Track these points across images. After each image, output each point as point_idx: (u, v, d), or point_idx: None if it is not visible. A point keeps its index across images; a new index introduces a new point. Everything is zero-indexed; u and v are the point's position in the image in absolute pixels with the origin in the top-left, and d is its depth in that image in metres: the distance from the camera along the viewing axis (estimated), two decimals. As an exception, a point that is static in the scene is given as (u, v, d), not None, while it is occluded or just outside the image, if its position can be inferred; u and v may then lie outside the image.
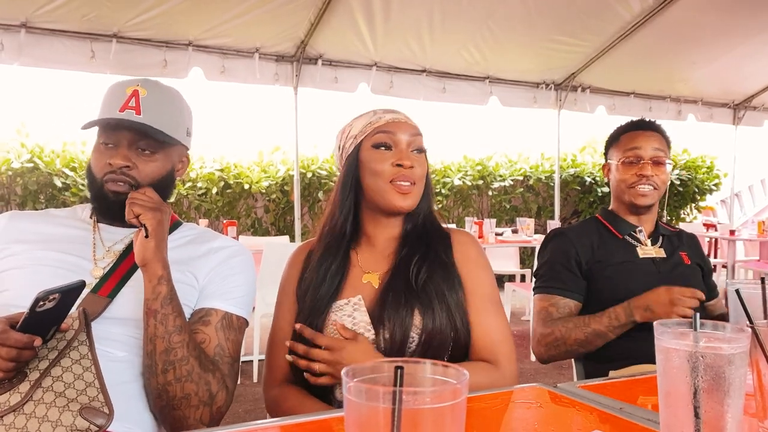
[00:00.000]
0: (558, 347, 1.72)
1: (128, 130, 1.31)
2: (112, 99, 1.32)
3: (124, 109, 1.30)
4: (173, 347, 1.16)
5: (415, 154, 1.37)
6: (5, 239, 1.33)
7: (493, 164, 8.12)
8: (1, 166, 5.78)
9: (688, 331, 0.74)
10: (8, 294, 1.26)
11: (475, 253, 1.41)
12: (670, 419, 0.74)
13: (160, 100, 1.35)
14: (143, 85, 1.33)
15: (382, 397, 0.54)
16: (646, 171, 1.82)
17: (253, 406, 3.47)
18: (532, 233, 5.86)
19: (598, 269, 1.80)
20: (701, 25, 5.63)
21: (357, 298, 1.31)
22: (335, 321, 1.28)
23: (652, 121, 1.94)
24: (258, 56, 5.34)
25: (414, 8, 5.06)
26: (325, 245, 1.39)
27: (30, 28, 4.50)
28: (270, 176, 6.88)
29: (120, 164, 1.30)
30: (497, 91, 6.40)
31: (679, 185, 8.84)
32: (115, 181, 1.30)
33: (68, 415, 1.06)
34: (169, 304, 1.18)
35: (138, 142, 1.33)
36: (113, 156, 1.30)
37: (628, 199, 1.86)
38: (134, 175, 1.32)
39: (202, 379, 1.19)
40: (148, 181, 1.33)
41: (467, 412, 0.57)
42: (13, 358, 1.03)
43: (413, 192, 1.34)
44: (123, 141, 1.32)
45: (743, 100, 7.66)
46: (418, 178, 1.35)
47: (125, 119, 1.29)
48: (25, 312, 1.01)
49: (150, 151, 1.34)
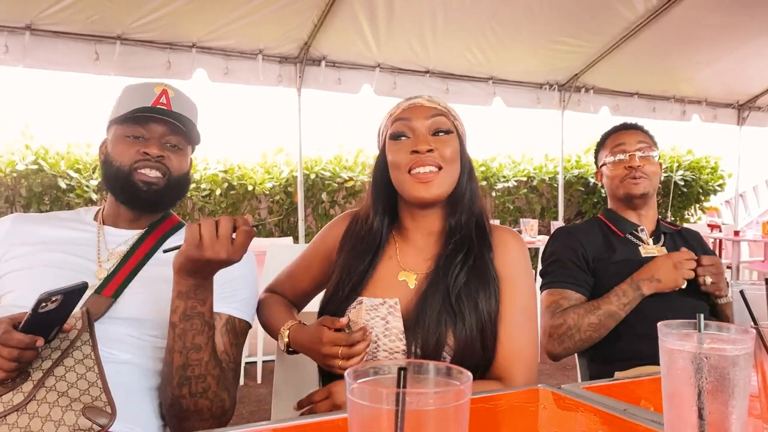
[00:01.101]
0: (572, 336, 1.69)
1: (160, 124, 1.35)
2: (141, 95, 1.36)
3: (156, 104, 1.34)
4: (190, 364, 1.16)
5: (439, 136, 1.27)
6: (9, 242, 1.34)
7: (496, 165, 8.11)
8: (5, 167, 5.80)
9: (693, 333, 0.74)
10: (13, 295, 1.27)
11: (516, 256, 1.32)
12: (674, 421, 0.74)
13: (186, 100, 1.41)
14: (170, 87, 1.39)
15: (385, 398, 0.54)
16: (634, 162, 1.86)
17: (257, 407, 3.47)
18: (536, 234, 5.86)
19: (603, 267, 1.81)
20: (705, 25, 5.61)
21: (393, 301, 1.25)
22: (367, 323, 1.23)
23: (634, 123, 2.01)
24: (261, 58, 5.35)
25: (417, 9, 5.06)
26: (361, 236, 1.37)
27: (34, 30, 4.51)
28: (273, 177, 6.88)
29: (156, 153, 1.33)
30: (501, 92, 6.39)
31: (683, 186, 8.81)
32: (150, 168, 1.32)
33: (71, 415, 1.06)
34: (188, 320, 1.16)
35: (167, 136, 1.37)
36: (147, 146, 1.33)
37: (623, 193, 1.88)
38: (168, 165, 1.35)
39: (217, 397, 1.19)
40: (178, 173, 1.38)
41: (470, 413, 0.57)
42: (16, 359, 1.03)
43: (437, 179, 1.25)
44: (155, 133, 1.36)
45: (748, 101, 7.63)
46: (445, 161, 1.26)
47: (166, 110, 1.34)
48: (27, 313, 1.02)
49: (179, 147, 1.39)
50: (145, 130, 1.35)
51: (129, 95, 1.38)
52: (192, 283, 1.14)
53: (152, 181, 1.33)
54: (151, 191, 1.33)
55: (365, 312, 1.25)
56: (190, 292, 1.15)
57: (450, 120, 1.31)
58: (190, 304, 1.15)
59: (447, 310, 1.22)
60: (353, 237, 1.39)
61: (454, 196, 1.31)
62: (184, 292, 1.15)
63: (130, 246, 1.36)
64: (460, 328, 1.21)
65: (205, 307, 1.17)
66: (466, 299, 1.24)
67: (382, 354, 1.24)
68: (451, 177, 1.29)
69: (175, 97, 1.38)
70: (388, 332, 1.23)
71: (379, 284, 1.31)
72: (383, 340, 1.23)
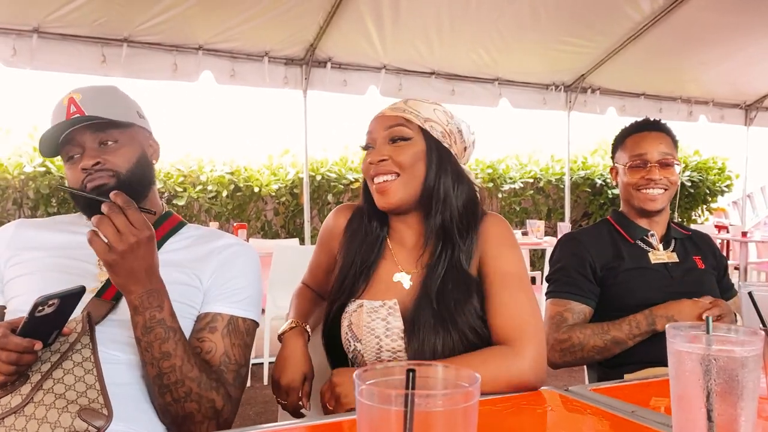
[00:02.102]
0: (574, 353, 1.68)
1: (83, 132, 1.31)
2: (55, 115, 1.32)
3: (69, 117, 1.29)
4: (164, 372, 1.15)
5: (396, 143, 1.31)
6: (14, 248, 1.35)
7: (503, 167, 8.10)
8: (13, 170, 5.83)
9: (701, 334, 0.74)
10: (18, 300, 1.28)
11: (497, 233, 1.33)
12: (682, 423, 0.73)
13: (97, 96, 1.35)
14: (76, 91, 1.33)
15: (394, 400, 0.54)
16: (654, 175, 1.79)
17: (263, 408, 3.47)
18: (543, 235, 5.84)
19: (611, 275, 1.78)
20: (712, 25, 5.59)
21: (393, 302, 1.29)
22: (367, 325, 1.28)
23: (657, 120, 1.91)
24: (267, 60, 5.36)
25: (422, 11, 5.07)
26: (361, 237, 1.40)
27: (42, 33, 4.54)
28: (279, 179, 6.90)
29: (91, 163, 1.29)
30: (507, 93, 6.38)
31: (691, 187, 8.78)
32: (93, 179, 1.29)
33: (67, 417, 1.06)
34: (150, 332, 1.15)
35: (98, 139, 1.31)
36: (82, 161, 1.29)
37: (638, 204, 1.83)
38: (109, 167, 1.31)
39: (203, 398, 1.18)
40: (125, 167, 1.32)
41: (478, 414, 0.57)
42: (14, 362, 1.04)
43: (392, 187, 1.29)
44: (84, 144, 1.31)
45: (755, 101, 7.60)
46: (402, 167, 1.29)
47: (74, 119, 1.28)
48: (24, 317, 1.02)
49: (112, 141, 1.33)
50: (73, 148, 1.32)
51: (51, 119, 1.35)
52: (141, 293, 1.14)
53: (101, 183, 1.29)
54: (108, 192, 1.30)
55: (366, 314, 1.28)
56: (144, 302, 1.14)
57: (413, 125, 1.32)
58: (148, 315, 1.15)
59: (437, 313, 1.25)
60: (352, 236, 1.41)
61: (424, 196, 1.32)
62: (138, 305, 1.14)
63: None
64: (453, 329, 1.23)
65: (164, 313, 1.16)
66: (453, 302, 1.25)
67: (385, 354, 1.27)
68: (411, 182, 1.30)
69: (83, 99, 1.31)
70: (390, 332, 1.26)
71: (378, 286, 1.34)
72: (385, 340, 1.27)
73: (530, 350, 1.16)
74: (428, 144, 1.32)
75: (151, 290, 1.15)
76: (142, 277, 1.13)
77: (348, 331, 1.30)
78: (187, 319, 1.31)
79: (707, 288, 1.79)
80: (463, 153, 1.40)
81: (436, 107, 1.38)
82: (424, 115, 1.34)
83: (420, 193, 1.31)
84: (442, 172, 1.31)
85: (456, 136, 1.36)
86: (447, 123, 1.35)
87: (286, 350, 1.35)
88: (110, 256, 1.09)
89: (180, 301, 1.29)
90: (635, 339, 1.65)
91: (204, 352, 1.26)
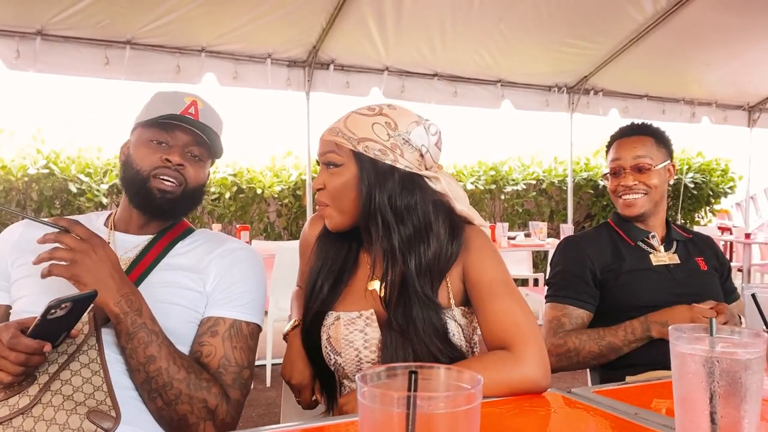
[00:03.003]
0: (570, 358, 1.69)
1: (185, 133, 1.36)
2: (171, 102, 1.36)
3: (184, 113, 1.35)
4: (152, 376, 1.16)
5: (330, 169, 1.28)
6: (21, 248, 1.35)
7: (506, 168, 8.10)
8: (17, 172, 5.84)
9: (704, 336, 0.74)
10: (24, 301, 1.28)
11: (477, 244, 1.30)
12: (686, 425, 0.73)
13: (214, 115, 1.42)
14: (198, 98, 1.39)
15: (396, 402, 0.54)
16: (627, 181, 1.81)
17: (266, 410, 3.47)
18: (545, 237, 5.84)
19: (612, 278, 1.78)
20: (715, 26, 5.59)
21: (369, 312, 1.26)
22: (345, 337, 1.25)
23: (640, 124, 1.90)
24: (270, 62, 5.37)
25: (425, 12, 5.07)
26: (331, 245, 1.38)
27: (45, 35, 4.55)
28: (282, 181, 6.91)
29: (178, 161, 1.33)
30: (509, 95, 6.38)
31: (693, 188, 8.76)
32: (167, 177, 1.33)
33: (75, 419, 1.07)
34: (134, 338, 1.16)
35: (191, 147, 1.38)
36: (169, 153, 1.34)
37: (620, 210, 1.87)
38: (186, 174, 1.36)
39: (194, 399, 1.18)
40: (194, 184, 1.38)
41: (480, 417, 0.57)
42: (23, 363, 1.04)
43: (328, 213, 1.30)
44: (179, 141, 1.36)
45: (758, 102, 7.59)
46: (331, 195, 1.27)
47: (193, 119, 1.35)
48: (36, 318, 1.03)
49: (198, 157, 1.39)
50: (170, 137, 1.36)
51: (158, 101, 1.38)
52: (118, 298, 1.16)
53: (168, 189, 1.33)
54: (165, 199, 1.34)
55: (343, 327, 1.26)
56: (123, 307, 1.16)
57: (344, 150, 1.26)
58: (129, 321, 1.16)
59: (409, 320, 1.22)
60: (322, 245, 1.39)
61: (363, 220, 1.29)
62: (118, 312, 1.15)
63: (139, 252, 1.37)
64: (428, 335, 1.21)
65: (144, 316, 1.18)
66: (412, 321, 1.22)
67: (365, 366, 1.24)
68: (344, 210, 1.28)
69: (203, 109, 1.38)
70: (368, 344, 1.24)
71: (354, 295, 1.32)
72: (364, 352, 1.24)
73: (531, 352, 1.13)
74: (360, 168, 1.25)
75: (126, 294, 1.17)
76: (111, 283, 1.15)
77: (327, 344, 1.28)
78: (192, 324, 1.31)
79: (711, 290, 1.78)
80: (421, 160, 1.29)
81: (376, 121, 1.27)
82: (358, 135, 1.26)
83: (358, 218, 1.29)
84: (378, 195, 1.25)
85: (403, 148, 1.26)
86: (388, 138, 1.26)
87: (292, 350, 1.36)
88: (71, 270, 1.13)
89: (184, 305, 1.29)
90: (631, 345, 1.66)
91: (203, 356, 1.26)
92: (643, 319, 1.66)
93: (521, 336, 1.15)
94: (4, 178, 5.79)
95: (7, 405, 1.07)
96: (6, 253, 1.36)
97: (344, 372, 1.27)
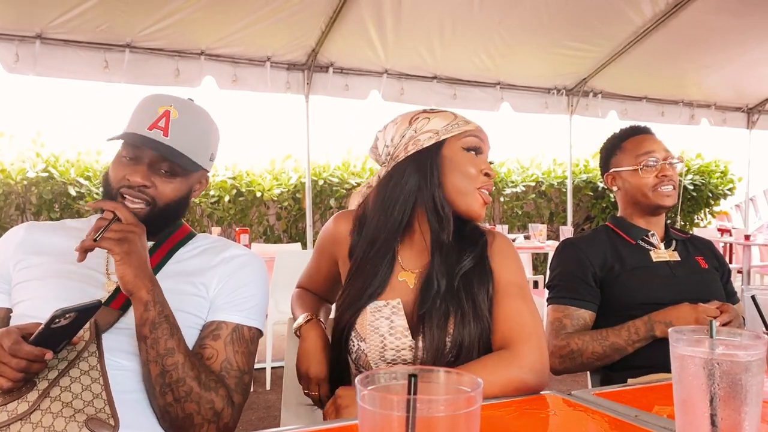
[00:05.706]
0: (574, 359, 1.69)
1: (152, 150, 1.29)
2: (143, 115, 1.31)
3: (152, 128, 1.28)
4: (167, 370, 1.16)
5: None
6: (23, 251, 1.34)
7: (505, 170, 8.11)
8: (16, 175, 5.85)
9: (704, 338, 0.74)
10: (25, 305, 1.28)
11: (501, 248, 1.38)
12: (686, 427, 0.73)
13: (190, 124, 1.33)
14: (176, 107, 1.31)
15: (396, 405, 0.54)
16: (667, 171, 1.82)
17: (266, 413, 3.47)
18: (545, 239, 5.84)
19: (613, 276, 1.78)
20: (714, 28, 5.59)
21: (396, 301, 1.29)
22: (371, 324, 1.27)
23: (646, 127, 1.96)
24: (269, 65, 5.38)
25: (424, 15, 5.07)
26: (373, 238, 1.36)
27: (44, 39, 4.56)
28: (282, 184, 6.91)
29: (138, 183, 1.28)
30: (509, 97, 6.39)
31: (693, 190, 8.77)
32: (132, 197, 1.29)
33: (74, 426, 1.06)
34: (158, 328, 1.16)
35: (160, 163, 1.31)
36: (133, 173, 1.29)
37: (654, 202, 1.82)
38: (152, 194, 1.30)
39: (203, 399, 1.18)
40: (165, 200, 1.32)
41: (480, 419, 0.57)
42: (23, 369, 1.04)
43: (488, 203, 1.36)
44: (145, 159, 1.30)
45: (757, 104, 7.59)
46: None
47: (152, 139, 1.27)
48: (40, 326, 1.03)
49: (170, 173, 1.33)
50: (139, 152, 1.31)
51: (137, 111, 1.34)
52: (151, 287, 1.17)
53: (134, 210, 1.28)
54: None
55: (370, 314, 1.28)
56: (155, 296, 1.17)
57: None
58: (158, 310, 1.17)
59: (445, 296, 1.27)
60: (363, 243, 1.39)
61: None
62: (149, 300, 1.16)
63: None
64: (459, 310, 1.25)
65: (168, 309, 1.19)
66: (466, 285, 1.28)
67: (389, 353, 1.26)
68: None
69: (177, 120, 1.30)
70: (394, 330, 1.26)
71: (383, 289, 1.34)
72: (389, 338, 1.26)
73: (528, 352, 1.16)
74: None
75: (156, 284, 1.19)
76: (147, 270, 1.17)
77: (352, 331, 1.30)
78: (193, 329, 1.30)
79: (713, 288, 1.79)
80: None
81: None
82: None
83: None
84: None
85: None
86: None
87: (306, 343, 1.37)
88: (121, 246, 1.14)
89: (187, 311, 1.29)
90: (634, 345, 1.65)
91: (204, 358, 1.26)
92: (647, 318, 1.66)
93: (522, 335, 1.19)
94: (4, 181, 5.79)
95: (5, 410, 1.07)
96: (8, 256, 1.35)
97: (366, 359, 1.28)
